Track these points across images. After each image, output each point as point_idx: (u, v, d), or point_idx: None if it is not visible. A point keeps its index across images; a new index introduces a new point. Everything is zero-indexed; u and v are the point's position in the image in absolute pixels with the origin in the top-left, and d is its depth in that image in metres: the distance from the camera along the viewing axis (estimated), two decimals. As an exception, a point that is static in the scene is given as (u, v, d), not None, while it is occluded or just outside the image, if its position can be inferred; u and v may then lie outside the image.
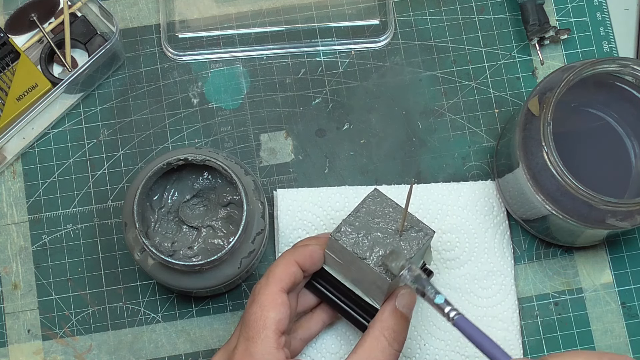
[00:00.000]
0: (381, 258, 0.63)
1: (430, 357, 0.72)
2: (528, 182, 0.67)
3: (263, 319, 0.61)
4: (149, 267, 0.67)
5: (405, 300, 0.64)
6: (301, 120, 0.78)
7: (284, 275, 0.63)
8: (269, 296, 0.62)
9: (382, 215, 0.64)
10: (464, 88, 0.78)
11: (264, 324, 0.61)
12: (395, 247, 0.63)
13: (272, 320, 0.61)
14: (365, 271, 0.64)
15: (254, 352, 0.60)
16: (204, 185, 0.71)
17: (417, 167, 0.77)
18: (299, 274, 0.64)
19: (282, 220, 0.74)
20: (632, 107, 0.70)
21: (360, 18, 0.79)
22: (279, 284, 0.62)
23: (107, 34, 0.77)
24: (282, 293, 0.62)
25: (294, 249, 0.65)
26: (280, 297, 0.62)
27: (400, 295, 0.64)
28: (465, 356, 0.71)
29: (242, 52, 0.78)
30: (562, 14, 0.80)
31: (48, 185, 0.76)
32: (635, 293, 0.75)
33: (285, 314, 0.62)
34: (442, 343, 0.72)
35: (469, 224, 0.74)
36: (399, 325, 0.63)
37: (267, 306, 0.61)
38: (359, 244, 0.63)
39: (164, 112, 0.78)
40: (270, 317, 0.61)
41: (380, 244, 0.63)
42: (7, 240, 0.75)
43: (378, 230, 0.64)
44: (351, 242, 0.63)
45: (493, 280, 0.73)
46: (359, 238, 0.63)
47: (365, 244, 0.63)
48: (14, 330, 0.74)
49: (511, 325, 0.72)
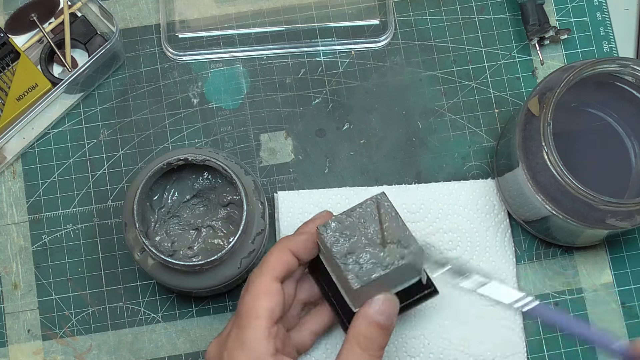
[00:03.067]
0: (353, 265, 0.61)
1: (435, 356, 0.71)
2: (528, 182, 0.67)
3: (255, 308, 0.61)
4: (149, 267, 0.67)
5: (378, 306, 0.62)
6: (301, 120, 0.78)
7: (278, 264, 0.63)
8: (262, 285, 0.62)
9: (375, 221, 0.63)
10: (464, 88, 0.78)
11: (256, 313, 0.61)
12: (373, 258, 0.61)
13: (263, 310, 0.61)
14: (340, 271, 0.62)
15: (244, 341, 0.60)
16: (204, 185, 0.71)
17: (417, 167, 0.77)
18: (292, 263, 0.64)
19: (284, 222, 0.74)
20: (632, 107, 0.70)
21: (360, 18, 0.79)
22: (272, 272, 0.62)
23: (107, 34, 0.77)
24: (274, 282, 0.62)
25: (289, 237, 0.65)
26: (272, 286, 0.62)
27: (374, 301, 0.62)
28: (469, 354, 0.71)
29: (242, 52, 0.78)
30: (562, 14, 0.80)
31: (48, 185, 0.76)
32: (635, 293, 0.75)
33: (277, 303, 0.61)
34: (446, 342, 0.72)
35: (470, 223, 0.74)
36: (374, 332, 0.61)
37: (259, 295, 0.61)
38: (339, 243, 0.62)
39: (164, 112, 0.78)
40: (262, 306, 0.61)
41: (359, 249, 0.62)
42: (7, 240, 0.75)
43: (364, 236, 0.62)
44: (332, 240, 0.62)
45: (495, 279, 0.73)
46: (341, 238, 0.62)
47: (345, 246, 0.62)
48: (14, 330, 0.74)
49: (514, 323, 0.72)
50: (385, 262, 0.62)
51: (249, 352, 0.60)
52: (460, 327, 0.72)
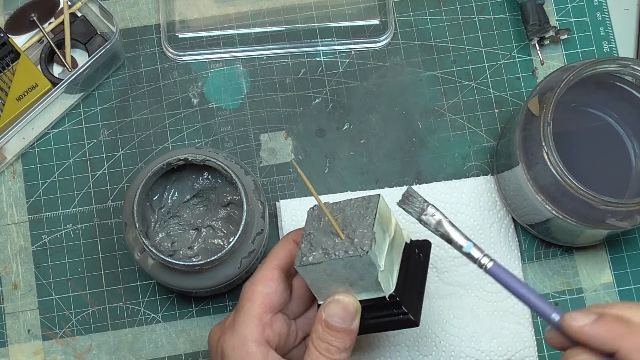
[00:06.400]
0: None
1: (447, 354, 0.72)
2: (528, 182, 0.67)
3: (250, 292, 0.61)
4: (149, 267, 0.67)
5: (331, 310, 0.60)
6: (301, 120, 0.78)
7: (281, 253, 0.63)
8: (263, 272, 0.62)
9: (354, 215, 0.61)
10: (464, 88, 0.78)
11: (250, 297, 0.61)
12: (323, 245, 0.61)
13: (258, 294, 0.61)
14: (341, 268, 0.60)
15: (235, 323, 0.61)
16: (204, 185, 0.71)
17: (417, 167, 0.77)
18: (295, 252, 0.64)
19: (287, 230, 0.74)
20: (632, 107, 0.70)
21: (360, 18, 0.79)
22: (274, 261, 0.63)
23: (107, 34, 0.77)
24: (275, 269, 0.62)
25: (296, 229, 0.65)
26: (272, 273, 0.62)
27: (328, 301, 0.61)
28: (480, 351, 0.72)
29: (242, 52, 0.78)
30: (562, 14, 0.80)
31: (48, 185, 0.76)
32: (635, 293, 0.75)
33: (273, 289, 0.61)
34: (457, 339, 0.72)
35: (474, 220, 0.74)
36: (327, 334, 0.60)
37: (258, 280, 0.62)
38: (312, 224, 0.62)
39: (164, 112, 0.78)
40: (257, 290, 0.61)
41: (321, 234, 0.61)
42: (7, 240, 0.75)
43: (326, 235, 0.61)
44: (309, 218, 0.62)
45: None
46: (317, 221, 0.62)
47: (314, 226, 0.62)
48: (14, 330, 0.74)
49: (523, 318, 0.72)
50: (330, 251, 0.60)
51: (236, 336, 0.60)
52: (470, 324, 0.72)
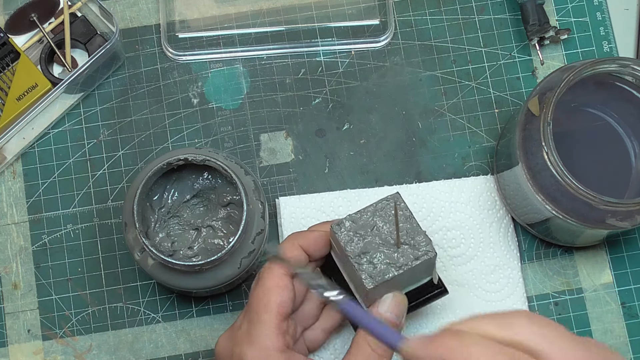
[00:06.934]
0: (366, 265, 0.62)
1: None
2: (528, 182, 0.67)
3: (265, 302, 0.61)
4: (149, 267, 0.67)
5: (387, 305, 0.62)
6: (301, 120, 0.78)
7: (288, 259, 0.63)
8: (273, 279, 0.62)
9: (389, 221, 0.63)
10: (464, 88, 0.78)
11: (266, 308, 0.61)
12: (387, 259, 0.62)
13: (274, 304, 0.61)
14: (353, 271, 0.63)
15: (253, 335, 0.60)
16: (204, 185, 0.71)
17: (417, 167, 0.77)
18: (302, 258, 0.64)
19: (287, 227, 0.74)
20: (632, 107, 0.70)
21: (360, 18, 0.79)
22: (283, 267, 0.62)
23: (107, 34, 0.77)
24: (285, 276, 0.62)
25: (299, 233, 0.65)
26: (283, 280, 0.62)
27: (384, 299, 0.63)
28: None
29: (242, 52, 0.78)
30: (562, 14, 0.80)
31: (48, 185, 0.76)
32: (635, 293, 0.75)
33: (287, 297, 0.61)
34: None
35: (473, 219, 0.74)
36: None
37: (270, 289, 0.61)
38: (353, 242, 0.62)
39: (164, 112, 0.78)
40: (272, 300, 0.61)
41: (373, 249, 0.62)
42: (7, 240, 0.75)
43: (378, 236, 0.63)
44: (345, 239, 0.62)
45: (500, 274, 0.73)
46: (355, 237, 0.63)
47: (359, 245, 0.62)
48: (14, 330, 0.74)
49: None
50: (399, 263, 0.62)
51: (258, 348, 0.60)
52: None
